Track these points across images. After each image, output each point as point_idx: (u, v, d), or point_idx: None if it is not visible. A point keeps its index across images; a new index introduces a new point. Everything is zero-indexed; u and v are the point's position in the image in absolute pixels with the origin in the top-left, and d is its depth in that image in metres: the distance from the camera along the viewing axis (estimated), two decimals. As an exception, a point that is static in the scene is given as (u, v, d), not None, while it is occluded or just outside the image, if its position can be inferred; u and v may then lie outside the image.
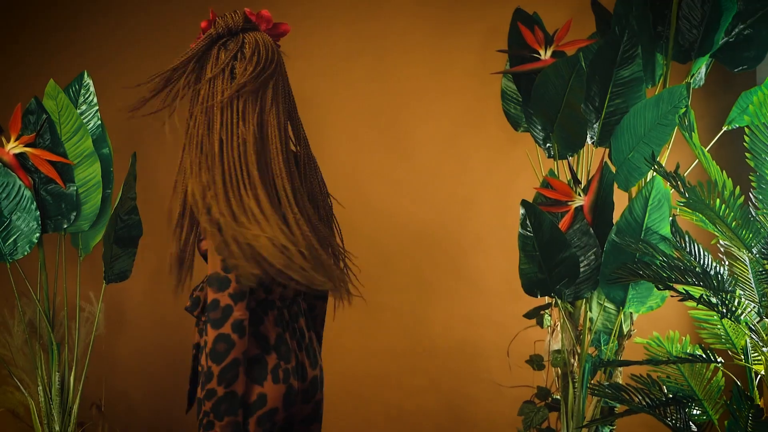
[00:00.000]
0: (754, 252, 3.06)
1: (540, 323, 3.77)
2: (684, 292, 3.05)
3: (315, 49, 4.22)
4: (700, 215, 3.26)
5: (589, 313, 3.62)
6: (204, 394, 2.28)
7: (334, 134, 4.29)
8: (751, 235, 3.04)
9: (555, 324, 3.76)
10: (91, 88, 3.52)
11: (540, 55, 3.66)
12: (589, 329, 3.61)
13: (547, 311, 3.75)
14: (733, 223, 3.03)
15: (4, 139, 3.37)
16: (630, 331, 3.68)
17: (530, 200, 3.41)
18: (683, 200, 3.06)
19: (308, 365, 2.56)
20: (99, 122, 3.50)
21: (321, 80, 4.21)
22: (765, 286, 3.01)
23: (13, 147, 3.33)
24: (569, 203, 3.51)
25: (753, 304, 3.08)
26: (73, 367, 3.39)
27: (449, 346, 4.45)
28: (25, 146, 3.34)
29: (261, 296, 2.43)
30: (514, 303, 4.07)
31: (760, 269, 3.02)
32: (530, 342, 3.90)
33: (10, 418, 3.62)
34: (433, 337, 4.42)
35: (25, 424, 3.46)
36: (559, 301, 3.59)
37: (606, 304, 3.64)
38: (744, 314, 3.04)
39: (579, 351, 3.61)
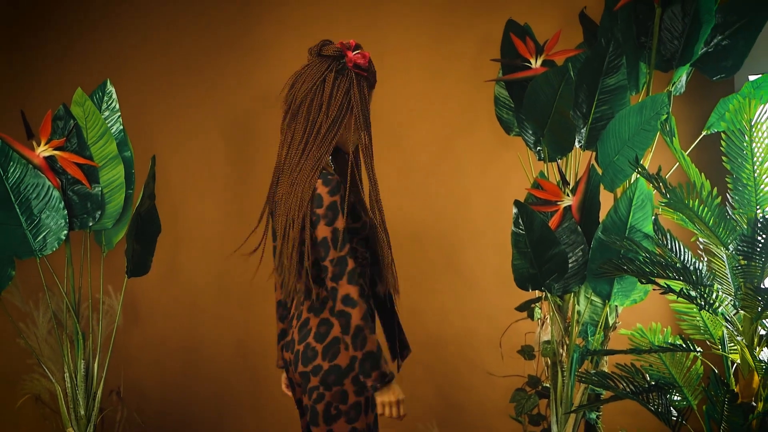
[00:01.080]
0: (731, 249, 3.14)
1: (531, 316, 3.87)
2: (665, 286, 3.13)
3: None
4: (681, 214, 3.34)
5: (576, 306, 3.71)
6: None
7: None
8: (727, 233, 3.12)
9: (545, 317, 3.85)
10: (114, 96, 3.63)
11: (531, 64, 3.76)
12: (577, 321, 3.71)
13: (537, 304, 3.85)
14: (711, 222, 3.11)
15: (34, 143, 3.48)
16: (615, 323, 3.77)
17: (522, 200, 3.51)
18: (665, 200, 3.15)
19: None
20: (121, 127, 3.61)
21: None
22: (741, 280, 3.10)
23: (43, 150, 3.45)
24: (558, 203, 3.60)
25: (729, 298, 3.18)
26: (97, 356, 3.52)
27: (444, 337, 4.52)
28: (54, 150, 3.46)
29: None
30: (506, 297, 4.17)
31: (736, 265, 3.10)
32: (521, 334, 4.00)
33: (31, 404, 3.77)
34: (428, 328, 4.48)
35: (49, 408, 3.60)
36: (548, 295, 3.68)
37: (593, 297, 3.72)
38: (721, 307, 3.14)
39: (567, 342, 3.71)
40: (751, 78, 3.81)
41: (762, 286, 3.04)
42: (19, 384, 3.86)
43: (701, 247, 3.42)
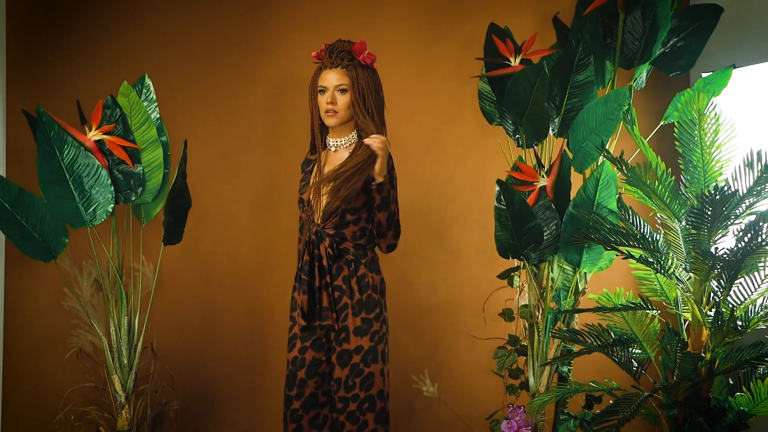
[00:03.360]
0: (684, 223, 3.34)
1: (510, 283, 4.01)
2: (627, 252, 3.36)
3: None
4: (641, 192, 3.50)
5: (551, 273, 3.90)
6: None
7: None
8: (679, 207, 3.33)
9: (523, 285, 3.99)
10: (152, 88, 3.84)
11: (510, 62, 3.91)
12: (551, 287, 3.89)
13: (516, 273, 3.99)
14: (667, 198, 3.33)
15: (87, 129, 3.68)
16: (584, 288, 3.96)
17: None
18: (625, 178, 3.37)
19: None
20: (158, 116, 3.81)
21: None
22: (691, 247, 3.30)
23: (94, 135, 3.66)
24: (535, 183, 3.79)
25: (682, 263, 3.37)
26: (137, 313, 3.77)
27: (433, 305, 4.66)
28: (103, 134, 3.66)
29: None
30: (488, 268, 4.33)
31: (687, 234, 3.31)
32: (502, 301, 4.09)
33: (73, 359, 4.00)
34: (419, 297, 4.61)
35: (93, 360, 3.86)
36: (526, 264, 3.85)
37: (564, 266, 3.91)
38: (675, 270, 3.34)
39: (542, 305, 3.89)
40: (704, 75, 3.96)
41: (708, 251, 3.24)
42: (66, 340, 4.01)
43: (659, 221, 3.57)
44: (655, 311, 3.58)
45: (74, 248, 3.86)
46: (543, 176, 3.84)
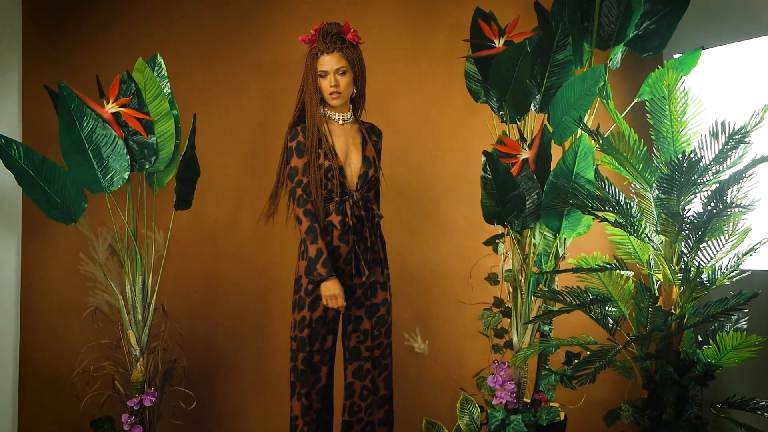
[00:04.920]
0: (655, 191, 3.47)
1: (495, 250, 4.12)
2: (603, 217, 3.50)
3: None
4: (616, 163, 3.63)
5: (533, 239, 4.00)
6: None
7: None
8: (650, 174, 3.47)
9: (507, 252, 4.10)
10: (163, 65, 3.97)
11: (495, 44, 4.02)
12: (533, 253, 4.00)
13: (500, 240, 4.10)
14: (639, 165, 3.47)
15: (104, 102, 3.81)
16: (564, 254, 4.06)
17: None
18: (599, 146, 3.51)
19: None
20: (169, 90, 3.94)
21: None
22: (661, 211, 3.44)
23: (111, 107, 3.79)
24: (518, 156, 3.88)
25: (654, 226, 3.50)
26: (150, 273, 3.92)
27: (423, 273, 4.82)
28: (120, 107, 3.79)
29: None
30: (474, 239, 4.46)
31: (658, 200, 3.44)
32: (487, 269, 4.21)
33: (87, 319, 4.09)
34: (410, 266, 4.76)
35: (109, 319, 3.98)
36: (510, 231, 3.95)
37: (546, 232, 4.00)
38: (647, 233, 3.47)
39: (525, 269, 4.00)
40: (675, 56, 4.05)
41: (677, 213, 3.38)
42: (80, 303, 4.15)
43: (633, 191, 3.70)
44: (629, 272, 3.71)
45: (89, 216, 4.00)
46: (525, 149, 3.92)
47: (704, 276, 3.50)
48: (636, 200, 3.63)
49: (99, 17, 4.79)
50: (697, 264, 3.50)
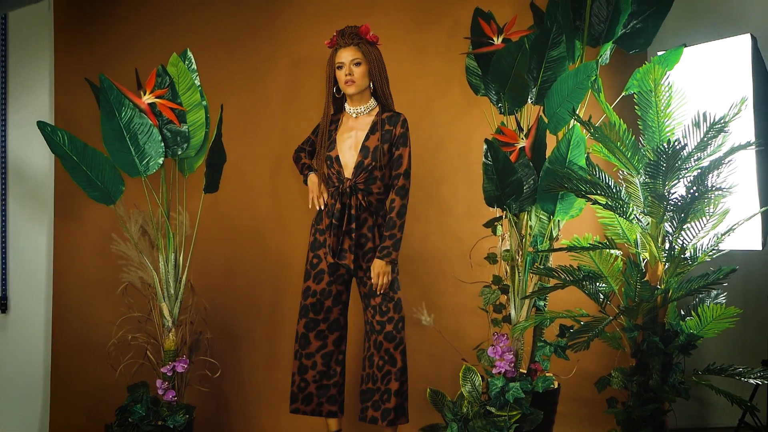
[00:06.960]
0: (642, 176, 3.59)
1: (494, 232, 4.23)
2: (594, 200, 3.63)
3: (321, 38, 4.33)
4: (605, 150, 3.74)
5: (529, 222, 4.12)
6: None
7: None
8: (638, 161, 3.59)
9: (504, 233, 4.21)
10: (193, 60, 4.08)
11: (494, 41, 4.15)
12: (529, 234, 4.11)
13: (499, 222, 4.21)
14: (627, 152, 3.58)
15: (142, 93, 3.93)
16: (558, 235, 4.19)
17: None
18: (591, 134, 3.61)
19: None
20: (199, 83, 4.04)
21: (324, 63, 4.33)
22: (648, 194, 3.55)
23: (148, 98, 3.91)
24: (515, 144, 4.00)
25: (641, 209, 3.63)
26: (182, 250, 4.07)
27: (425, 254, 4.90)
28: (156, 98, 3.92)
29: None
30: (473, 222, 4.56)
31: (645, 184, 3.56)
32: (485, 249, 4.30)
33: (119, 296, 4.23)
34: (414, 247, 4.81)
35: (141, 294, 4.13)
36: (508, 214, 4.06)
37: (541, 215, 4.12)
38: (635, 215, 3.61)
39: (522, 249, 4.12)
40: (660, 53, 4.21)
41: (663, 194, 3.51)
42: (111, 281, 4.31)
43: (621, 177, 3.76)
44: (618, 251, 3.86)
45: (125, 197, 4.10)
46: (522, 138, 4.03)
47: (687, 254, 3.64)
48: (624, 185, 3.73)
49: (126, 16, 4.90)
50: (680, 243, 3.64)
